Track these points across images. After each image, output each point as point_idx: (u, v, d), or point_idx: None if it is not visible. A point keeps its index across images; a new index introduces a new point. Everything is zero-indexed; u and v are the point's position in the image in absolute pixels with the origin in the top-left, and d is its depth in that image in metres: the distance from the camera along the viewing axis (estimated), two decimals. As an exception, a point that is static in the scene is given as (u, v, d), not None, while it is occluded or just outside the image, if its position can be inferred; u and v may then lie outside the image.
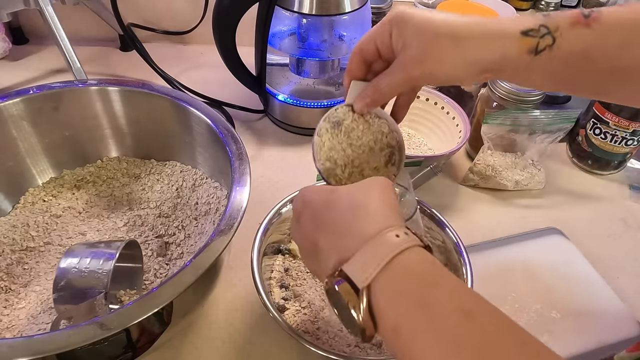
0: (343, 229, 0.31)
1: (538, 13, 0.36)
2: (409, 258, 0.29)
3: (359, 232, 0.30)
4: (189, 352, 0.47)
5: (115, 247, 0.45)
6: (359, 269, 0.29)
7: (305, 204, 0.35)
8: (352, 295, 0.28)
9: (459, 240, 0.48)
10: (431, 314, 0.27)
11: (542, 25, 0.34)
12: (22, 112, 0.53)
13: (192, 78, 0.81)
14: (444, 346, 0.25)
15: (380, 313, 0.28)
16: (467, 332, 0.25)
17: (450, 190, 0.67)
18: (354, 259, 0.29)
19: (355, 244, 0.30)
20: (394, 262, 0.28)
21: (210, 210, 0.53)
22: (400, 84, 0.38)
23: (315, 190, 0.35)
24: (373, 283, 0.28)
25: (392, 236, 0.29)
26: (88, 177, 0.59)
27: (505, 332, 0.26)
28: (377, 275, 0.28)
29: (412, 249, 0.29)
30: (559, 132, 0.66)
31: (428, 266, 0.29)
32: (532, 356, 0.25)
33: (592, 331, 0.50)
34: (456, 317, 0.26)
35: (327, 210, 0.33)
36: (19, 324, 0.45)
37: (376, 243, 0.29)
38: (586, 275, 0.56)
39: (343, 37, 0.68)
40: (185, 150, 0.58)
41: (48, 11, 0.70)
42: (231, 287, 0.52)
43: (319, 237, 0.33)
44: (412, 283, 0.28)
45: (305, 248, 0.35)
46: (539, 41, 0.35)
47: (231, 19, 0.62)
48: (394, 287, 0.28)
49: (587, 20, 0.34)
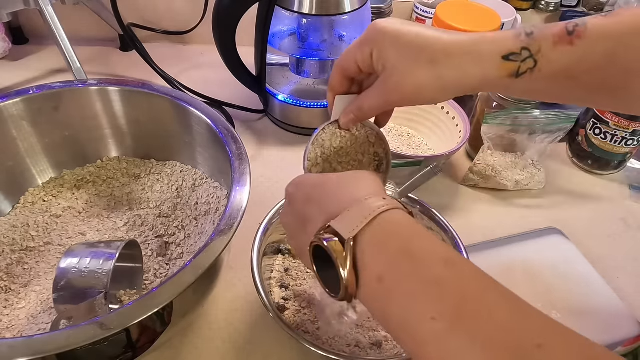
0: (332, 197, 0.33)
1: (522, 29, 0.36)
2: (393, 216, 0.31)
3: (347, 196, 0.32)
4: (189, 352, 0.47)
5: (115, 247, 0.45)
6: (347, 223, 0.30)
7: (297, 186, 0.37)
8: (339, 248, 0.30)
9: (459, 240, 0.48)
10: (415, 261, 0.28)
11: (523, 48, 0.34)
12: (22, 112, 0.53)
13: (192, 78, 0.81)
14: (427, 290, 0.27)
15: (364, 265, 0.29)
16: (449, 278, 0.27)
17: (450, 190, 0.67)
18: (342, 216, 0.31)
19: (343, 205, 0.32)
20: (379, 218, 0.30)
21: (210, 210, 0.53)
22: (381, 107, 0.39)
23: (307, 176, 0.37)
24: (359, 236, 0.30)
25: (379, 199, 0.31)
26: (88, 177, 0.59)
27: (482, 278, 0.27)
28: (363, 228, 0.30)
29: (396, 210, 0.31)
30: (559, 132, 0.66)
31: (411, 222, 0.31)
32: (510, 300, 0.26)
33: (592, 331, 0.50)
34: (439, 265, 0.27)
35: (317, 187, 0.35)
36: (19, 324, 0.45)
37: (363, 203, 0.31)
38: (586, 275, 0.56)
39: (343, 37, 0.68)
40: (185, 150, 0.58)
41: (48, 11, 0.70)
42: (231, 287, 0.52)
43: (309, 209, 0.34)
44: (396, 234, 0.30)
45: (293, 223, 0.36)
46: (520, 65, 0.35)
47: (231, 19, 0.62)
48: (379, 238, 0.30)
49: (571, 37, 0.34)
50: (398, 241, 0.29)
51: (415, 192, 0.51)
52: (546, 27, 0.35)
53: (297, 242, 0.36)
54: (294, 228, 0.37)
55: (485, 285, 0.27)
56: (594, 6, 0.87)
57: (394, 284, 0.28)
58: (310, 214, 0.34)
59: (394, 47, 0.36)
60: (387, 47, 0.36)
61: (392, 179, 0.57)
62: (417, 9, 0.84)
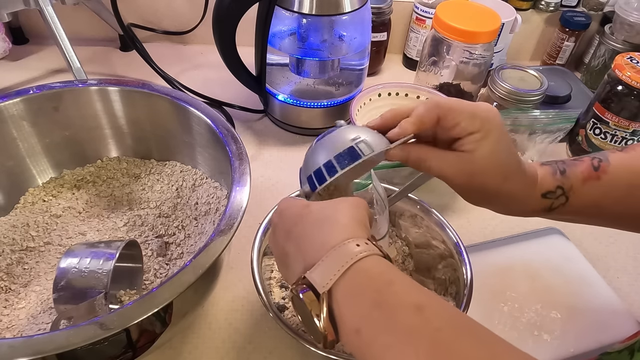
0: (310, 240, 0.33)
1: (556, 166, 0.40)
2: (367, 264, 0.30)
3: (323, 242, 0.32)
4: (189, 352, 0.47)
5: (115, 247, 0.45)
6: (321, 275, 0.30)
7: (280, 216, 0.36)
8: (314, 301, 0.30)
9: (459, 240, 0.48)
10: (387, 311, 0.28)
11: (558, 187, 0.39)
12: (22, 112, 0.53)
13: (192, 78, 0.81)
14: (402, 340, 0.26)
15: (341, 317, 0.29)
16: (420, 325, 0.27)
17: (450, 190, 0.66)
18: (316, 267, 0.31)
19: (319, 253, 0.31)
20: (353, 267, 0.30)
21: (210, 210, 0.53)
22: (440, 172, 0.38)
23: (291, 204, 0.36)
24: (333, 288, 0.29)
25: (353, 245, 0.30)
26: (88, 177, 0.59)
27: (455, 321, 0.27)
28: (337, 280, 0.29)
29: (371, 256, 0.30)
30: (559, 132, 0.66)
31: (384, 268, 0.30)
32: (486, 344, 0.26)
33: (592, 331, 0.50)
34: (409, 312, 0.27)
35: (298, 223, 0.34)
36: (19, 324, 0.45)
37: (338, 252, 0.30)
38: (586, 275, 0.56)
39: (343, 37, 0.68)
40: (185, 150, 0.58)
41: (48, 11, 0.70)
42: (231, 287, 0.52)
43: (289, 247, 0.34)
44: (369, 284, 0.29)
45: (278, 257, 0.36)
46: (553, 202, 0.39)
47: (231, 19, 0.62)
48: (353, 290, 0.29)
49: (597, 172, 0.38)
50: (370, 292, 0.29)
51: (415, 192, 0.51)
52: (574, 163, 0.40)
53: (283, 275, 0.36)
54: (279, 260, 0.36)
55: (458, 330, 0.26)
56: (593, 6, 0.87)
57: (370, 337, 0.28)
58: (290, 253, 0.34)
59: (496, 143, 0.36)
60: (493, 138, 0.36)
61: (392, 179, 0.57)
62: (417, 9, 0.84)
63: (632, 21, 0.78)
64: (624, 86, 0.63)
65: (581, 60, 0.93)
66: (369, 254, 0.30)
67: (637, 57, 0.65)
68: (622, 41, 0.81)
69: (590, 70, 0.88)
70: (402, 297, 0.28)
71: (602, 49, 0.84)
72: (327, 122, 0.73)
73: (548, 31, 0.91)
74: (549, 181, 0.39)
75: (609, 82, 0.66)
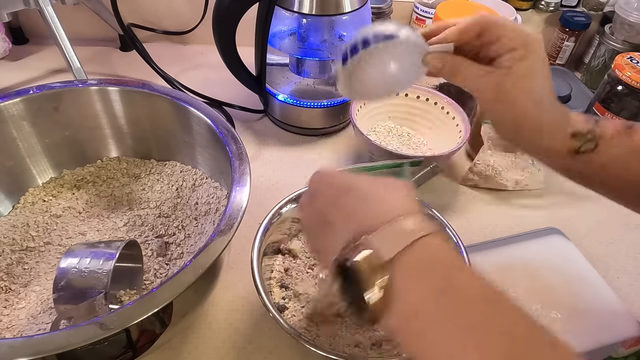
0: (365, 208, 0.30)
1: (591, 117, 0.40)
2: (435, 242, 0.28)
3: (385, 210, 0.29)
4: (189, 352, 0.47)
5: (115, 247, 0.45)
6: (384, 241, 0.27)
7: (324, 180, 0.34)
8: (374, 267, 0.26)
9: (459, 240, 0.48)
10: (455, 299, 0.25)
11: (589, 131, 0.38)
12: (22, 112, 0.53)
13: (192, 78, 0.81)
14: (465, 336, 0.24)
15: (401, 295, 0.26)
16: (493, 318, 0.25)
17: (450, 190, 0.67)
18: (380, 231, 0.28)
19: (378, 218, 0.28)
20: (421, 241, 0.27)
21: (210, 210, 0.53)
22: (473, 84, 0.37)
23: (335, 174, 0.34)
24: (396, 259, 0.27)
25: (417, 219, 0.28)
26: (88, 177, 0.59)
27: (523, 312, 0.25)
28: (402, 251, 0.26)
29: (437, 235, 0.28)
30: (559, 132, 0.66)
31: (453, 252, 0.28)
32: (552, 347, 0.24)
33: (592, 331, 0.50)
34: (481, 306, 0.25)
35: (349, 192, 0.32)
36: (19, 324, 0.45)
37: (401, 222, 0.28)
38: (586, 275, 0.56)
39: (343, 37, 0.68)
40: (185, 150, 0.58)
41: (48, 11, 0.70)
42: (231, 287, 0.52)
43: (334, 214, 0.31)
44: (437, 266, 0.27)
45: (316, 225, 0.33)
46: (582, 145, 0.38)
47: (231, 19, 0.62)
48: (419, 265, 0.27)
49: (630, 130, 0.37)
50: (438, 274, 0.26)
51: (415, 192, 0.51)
52: (607, 120, 0.39)
53: (315, 243, 0.35)
54: (312, 226, 0.34)
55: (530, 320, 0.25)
56: (593, 6, 0.87)
57: (427, 324, 0.25)
58: (334, 219, 0.31)
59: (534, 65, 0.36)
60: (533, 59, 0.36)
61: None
62: (417, 9, 0.84)
63: (632, 21, 0.78)
64: (624, 86, 0.63)
65: (581, 60, 0.93)
66: (435, 230, 0.28)
67: (637, 57, 0.65)
68: (622, 41, 0.81)
69: (590, 70, 0.88)
70: (473, 287, 0.26)
71: (602, 49, 0.84)
72: (327, 122, 0.73)
73: (548, 31, 0.91)
74: (581, 123, 0.38)
75: (609, 82, 0.66)
